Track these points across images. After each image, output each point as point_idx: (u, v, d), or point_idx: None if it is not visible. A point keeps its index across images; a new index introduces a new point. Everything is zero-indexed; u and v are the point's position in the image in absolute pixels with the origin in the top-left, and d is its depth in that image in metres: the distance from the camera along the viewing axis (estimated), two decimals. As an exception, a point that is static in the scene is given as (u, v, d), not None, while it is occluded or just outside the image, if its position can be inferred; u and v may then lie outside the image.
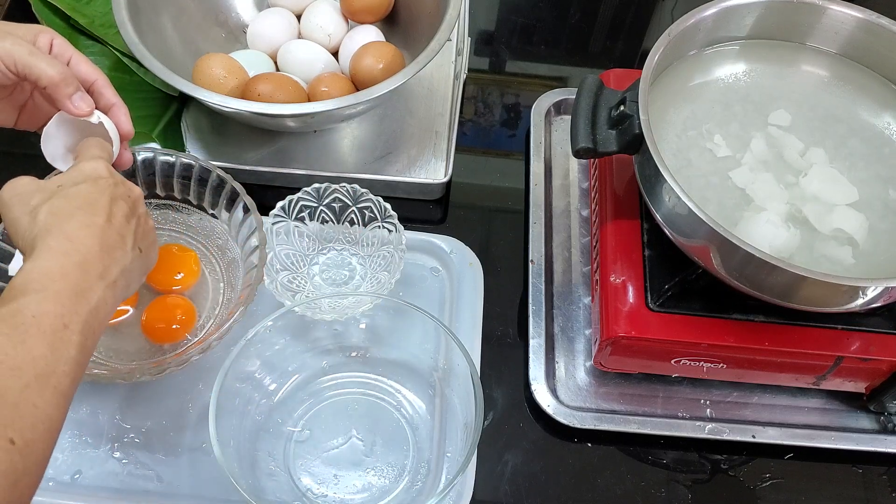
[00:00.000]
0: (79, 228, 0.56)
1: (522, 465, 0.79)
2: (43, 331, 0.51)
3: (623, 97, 0.72)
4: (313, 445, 0.77)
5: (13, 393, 0.48)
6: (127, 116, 0.67)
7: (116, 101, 0.67)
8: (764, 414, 0.81)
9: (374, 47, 0.92)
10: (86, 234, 0.57)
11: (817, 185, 0.73)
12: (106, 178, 0.61)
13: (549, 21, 1.13)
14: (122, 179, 0.63)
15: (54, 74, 0.62)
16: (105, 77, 0.67)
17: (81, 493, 0.73)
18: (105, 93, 0.66)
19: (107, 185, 0.60)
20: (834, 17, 0.79)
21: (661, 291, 0.75)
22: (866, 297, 0.66)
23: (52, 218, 0.56)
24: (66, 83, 0.62)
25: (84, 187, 0.59)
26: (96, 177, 0.61)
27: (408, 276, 0.85)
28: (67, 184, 0.59)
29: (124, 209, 0.61)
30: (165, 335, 0.79)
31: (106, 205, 0.59)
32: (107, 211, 0.59)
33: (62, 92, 0.63)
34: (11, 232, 0.58)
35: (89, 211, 0.58)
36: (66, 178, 0.60)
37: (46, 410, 0.50)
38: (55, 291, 0.53)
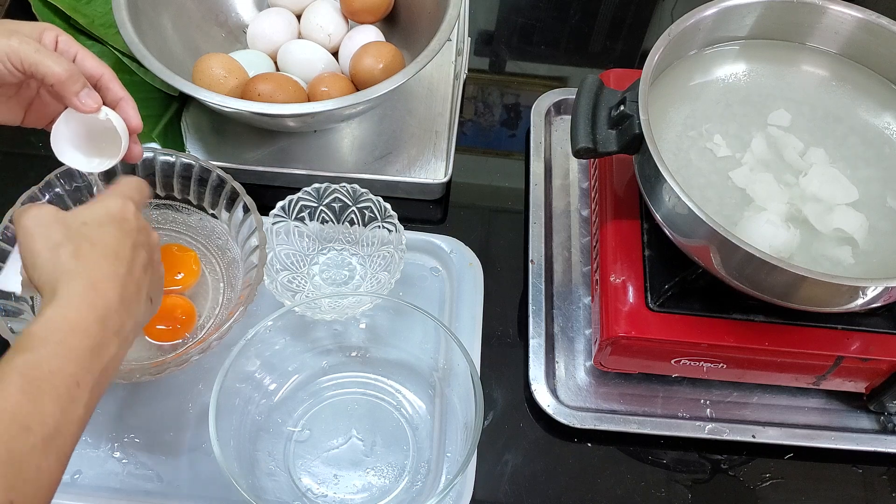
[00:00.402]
0: (103, 279, 0.55)
1: (522, 465, 0.79)
2: (56, 389, 0.50)
3: (623, 97, 0.72)
4: (313, 445, 0.77)
5: (19, 454, 0.48)
6: (135, 110, 0.67)
7: (124, 94, 0.67)
8: (764, 414, 0.81)
9: (374, 47, 0.92)
10: (109, 286, 0.55)
11: (817, 184, 0.73)
12: (131, 222, 0.59)
13: (549, 21, 1.13)
14: (145, 225, 0.61)
15: (61, 72, 0.61)
16: (111, 71, 0.66)
17: (81, 493, 0.73)
18: (112, 87, 0.66)
19: (131, 230, 0.59)
20: (834, 17, 0.79)
21: (661, 291, 0.75)
22: (866, 297, 0.66)
23: (76, 262, 0.55)
24: (73, 80, 0.62)
25: (109, 231, 0.58)
26: (122, 219, 0.59)
27: (408, 276, 0.85)
28: (93, 223, 0.57)
29: (143, 259, 0.59)
30: (165, 335, 0.79)
31: (129, 254, 0.58)
32: (129, 260, 0.58)
33: (69, 89, 0.62)
34: (28, 263, 0.56)
35: (113, 259, 0.56)
36: (92, 216, 0.58)
37: (49, 471, 0.49)
38: (74, 348, 0.52)
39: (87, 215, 0.58)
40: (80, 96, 0.63)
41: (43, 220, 0.57)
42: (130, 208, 0.60)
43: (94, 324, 0.53)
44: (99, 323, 0.54)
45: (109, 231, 0.58)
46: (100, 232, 0.57)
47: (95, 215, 0.58)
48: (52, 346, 0.51)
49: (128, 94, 0.67)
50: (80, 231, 0.57)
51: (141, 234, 0.60)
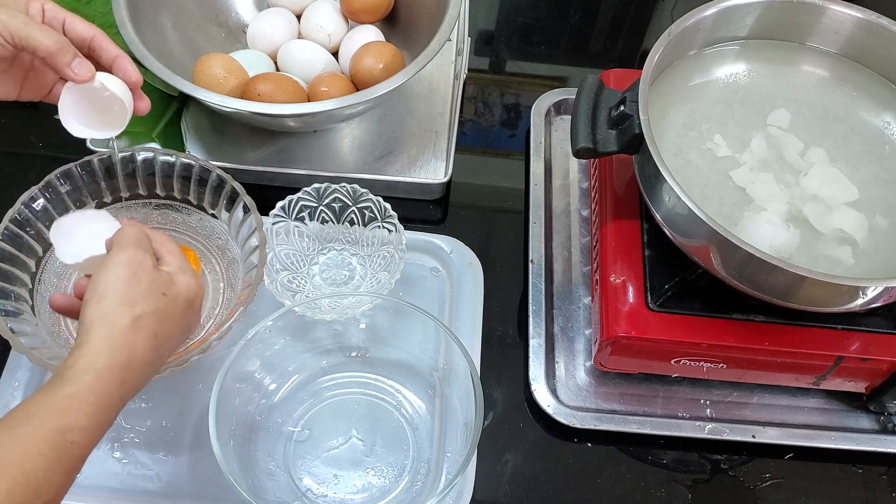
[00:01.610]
0: (143, 363, 0.57)
1: (522, 465, 0.79)
2: (70, 460, 0.52)
3: (623, 97, 0.72)
4: (313, 445, 0.77)
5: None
6: (132, 64, 0.67)
7: (118, 52, 0.67)
8: (764, 414, 0.81)
9: (374, 47, 0.92)
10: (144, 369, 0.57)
11: (817, 184, 0.73)
12: (194, 309, 0.62)
13: (549, 21, 1.13)
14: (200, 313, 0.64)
15: (51, 44, 0.62)
16: (102, 32, 0.66)
17: (81, 494, 0.73)
18: (105, 46, 0.66)
19: (191, 316, 0.61)
20: (834, 17, 0.79)
21: (661, 291, 0.75)
22: (866, 297, 0.66)
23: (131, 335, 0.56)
24: (64, 51, 0.63)
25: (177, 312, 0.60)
26: (191, 303, 0.61)
27: (408, 276, 0.85)
28: (171, 298, 0.59)
29: (177, 343, 0.62)
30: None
31: (174, 341, 0.60)
32: (169, 346, 0.60)
33: (61, 60, 0.63)
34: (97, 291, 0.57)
35: (159, 343, 0.58)
36: (175, 291, 0.60)
37: None
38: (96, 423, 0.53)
39: (170, 285, 0.60)
40: (73, 66, 0.63)
41: (137, 266, 0.58)
42: (202, 295, 0.63)
43: (117, 402, 0.55)
44: (120, 401, 0.55)
45: (177, 311, 0.60)
46: (170, 309, 0.59)
47: (177, 290, 0.60)
48: (82, 419, 0.53)
49: (122, 52, 0.67)
50: (158, 301, 0.58)
51: (193, 323, 0.63)
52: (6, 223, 0.75)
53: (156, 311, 0.58)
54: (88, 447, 0.53)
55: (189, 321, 0.62)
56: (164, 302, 0.58)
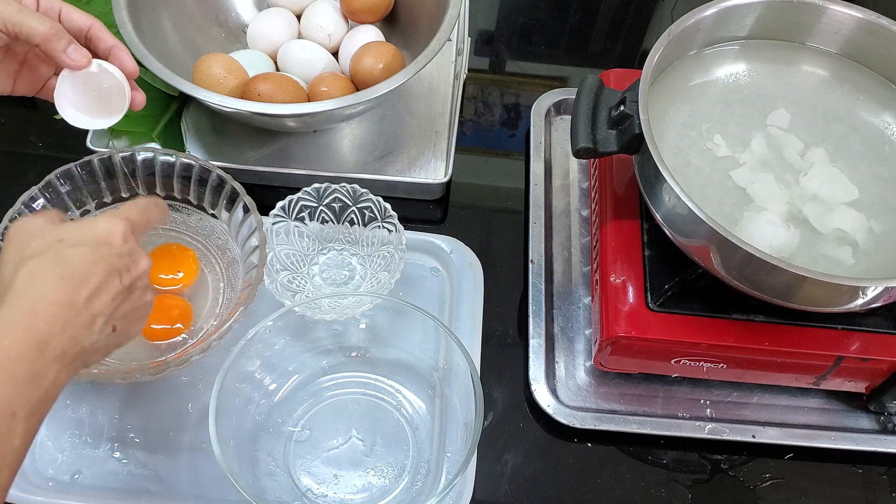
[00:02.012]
0: (49, 304, 0.52)
1: (522, 465, 0.79)
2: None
3: (623, 97, 0.72)
4: (313, 445, 0.77)
5: None
6: (129, 55, 0.67)
7: (115, 41, 0.66)
8: (764, 414, 0.81)
9: (374, 47, 0.92)
10: (53, 311, 0.52)
11: (817, 184, 0.73)
12: (113, 247, 0.56)
13: (549, 21, 1.13)
14: (133, 249, 0.57)
15: (45, 30, 0.61)
16: (99, 22, 0.66)
17: (81, 493, 0.73)
18: (102, 36, 0.66)
19: (109, 255, 0.55)
20: (834, 17, 0.79)
21: (661, 291, 0.75)
22: (866, 297, 0.66)
23: (30, 281, 0.52)
24: (58, 37, 0.62)
25: (81, 252, 0.54)
26: (103, 242, 0.55)
27: (408, 276, 0.85)
28: (69, 241, 0.54)
29: (115, 287, 0.56)
30: (162, 335, 0.79)
31: (96, 280, 0.54)
32: (91, 288, 0.54)
33: (55, 46, 0.62)
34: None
35: (73, 283, 0.53)
36: (72, 234, 0.55)
37: None
38: (9, 373, 0.49)
39: (69, 232, 0.55)
40: (68, 52, 0.63)
41: (26, 231, 0.55)
42: (118, 231, 0.56)
43: (32, 349, 0.51)
44: (36, 349, 0.51)
45: (82, 253, 0.54)
46: (71, 252, 0.54)
47: (76, 234, 0.55)
48: None
49: (119, 42, 0.67)
50: (53, 247, 0.54)
51: (122, 260, 0.56)
52: (6, 223, 0.75)
53: (50, 254, 0.53)
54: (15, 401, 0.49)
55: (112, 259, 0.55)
56: (60, 245, 0.54)
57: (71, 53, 0.63)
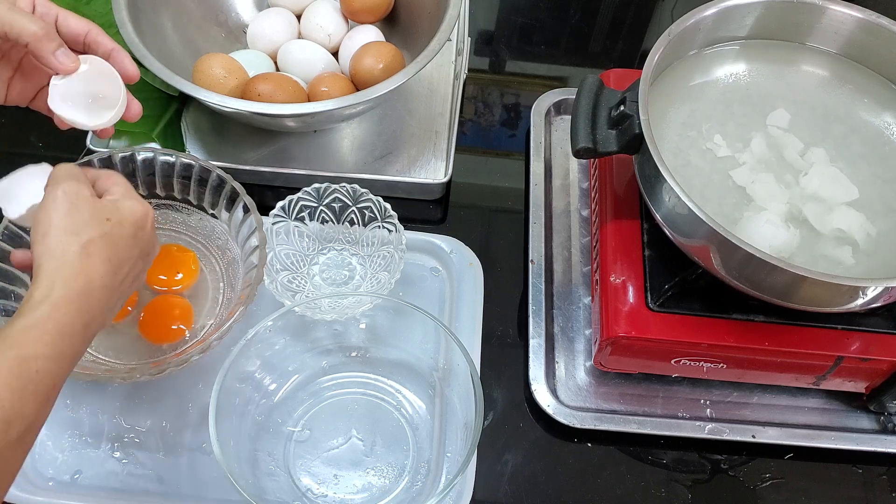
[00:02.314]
0: (99, 288, 0.56)
1: (522, 465, 0.79)
2: (38, 390, 0.52)
3: (623, 97, 0.72)
4: (313, 445, 0.77)
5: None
6: (129, 59, 0.66)
7: (114, 45, 0.66)
8: (764, 414, 0.81)
9: (374, 47, 0.92)
10: (101, 295, 0.56)
11: (817, 183, 0.73)
12: (147, 231, 0.61)
13: (549, 21, 1.13)
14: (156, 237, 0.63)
15: (36, 30, 0.61)
16: (97, 26, 0.65)
17: (81, 493, 0.73)
18: (101, 40, 0.65)
19: (144, 240, 0.61)
20: (834, 17, 0.79)
21: (661, 291, 0.75)
22: (866, 297, 0.66)
23: (83, 260, 0.56)
24: (49, 38, 0.61)
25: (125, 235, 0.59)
26: (142, 226, 0.60)
27: (408, 276, 0.85)
28: (115, 221, 0.58)
29: (139, 270, 0.61)
30: (162, 335, 0.79)
31: (130, 264, 0.59)
32: (126, 271, 0.59)
33: (45, 48, 0.61)
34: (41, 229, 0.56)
35: (115, 266, 0.58)
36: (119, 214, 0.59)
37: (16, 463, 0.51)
38: (61, 353, 0.53)
39: (114, 211, 0.59)
40: (57, 55, 0.62)
41: (74, 196, 0.57)
42: (151, 217, 0.62)
43: (80, 330, 0.55)
44: (84, 329, 0.55)
45: (126, 235, 0.59)
46: (118, 233, 0.58)
47: (122, 215, 0.59)
48: (42, 347, 0.52)
49: (118, 45, 0.66)
50: (103, 225, 0.57)
51: (149, 245, 0.62)
52: (6, 223, 0.75)
53: (103, 235, 0.57)
54: (57, 376, 0.53)
55: (144, 243, 0.61)
56: (109, 226, 0.58)
57: (59, 56, 0.62)
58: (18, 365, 0.51)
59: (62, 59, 0.63)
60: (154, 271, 0.82)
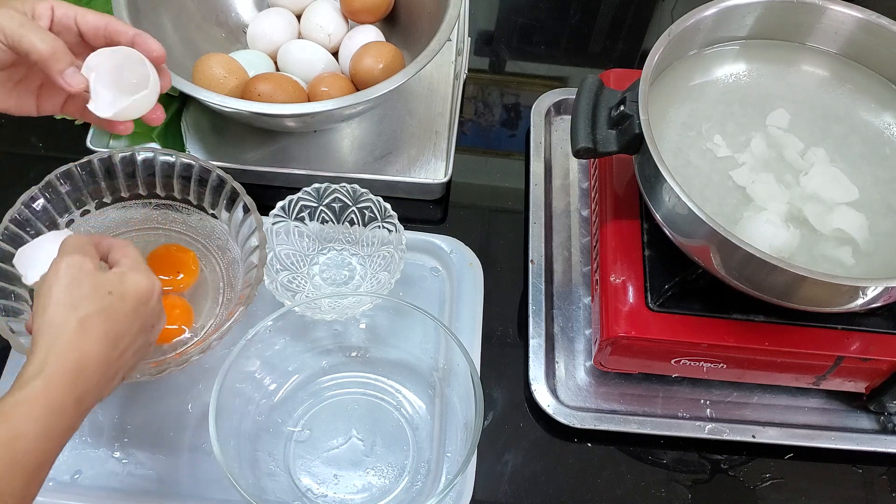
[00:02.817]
0: (93, 361, 0.55)
1: (522, 465, 0.79)
2: (27, 468, 0.51)
3: (623, 97, 0.72)
4: (313, 445, 0.77)
5: None
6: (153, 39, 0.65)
7: (135, 31, 0.65)
8: (764, 414, 0.81)
9: (374, 47, 0.92)
10: (95, 369, 0.56)
11: (817, 183, 0.73)
12: (151, 306, 0.60)
13: (549, 21, 1.13)
14: (161, 310, 0.62)
15: (44, 49, 0.60)
16: (114, 18, 0.65)
17: (81, 493, 0.73)
18: (120, 29, 0.64)
19: (144, 313, 0.59)
20: (834, 17, 0.79)
21: (661, 291, 0.75)
22: (866, 297, 0.66)
23: (79, 335, 0.55)
24: (57, 58, 0.60)
25: (127, 309, 0.58)
26: (145, 301, 0.60)
27: (408, 276, 0.85)
28: (118, 295, 0.58)
29: (140, 343, 0.60)
30: (162, 335, 0.79)
31: (129, 339, 0.58)
32: (126, 345, 0.58)
33: (53, 67, 0.61)
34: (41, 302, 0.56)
35: (113, 341, 0.57)
36: (121, 288, 0.58)
37: None
38: (51, 430, 0.53)
39: (117, 284, 0.58)
40: (65, 75, 0.61)
41: (76, 270, 0.57)
42: (157, 290, 0.61)
43: (72, 405, 0.54)
44: (76, 404, 0.54)
45: (127, 309, 0.58)
46: (118, 307, 0.57)
47: (124, 288, 0.58)
48: (31, 424, 0.52)
49: (139, 31, 0.65)
50: (103, 300, 0.57)
51: (152, 318, 0.61)
52: (6, 223, 0.75)
53: (102, 309, 0.56)
54: (45, 454, 0.52)
55: (146, 317, 0.60)
56: (110, 300, 0.57)
57: (67, 77, 0.62)
58: (9, 441, 0.50)
59: (70, 79, 0.62)
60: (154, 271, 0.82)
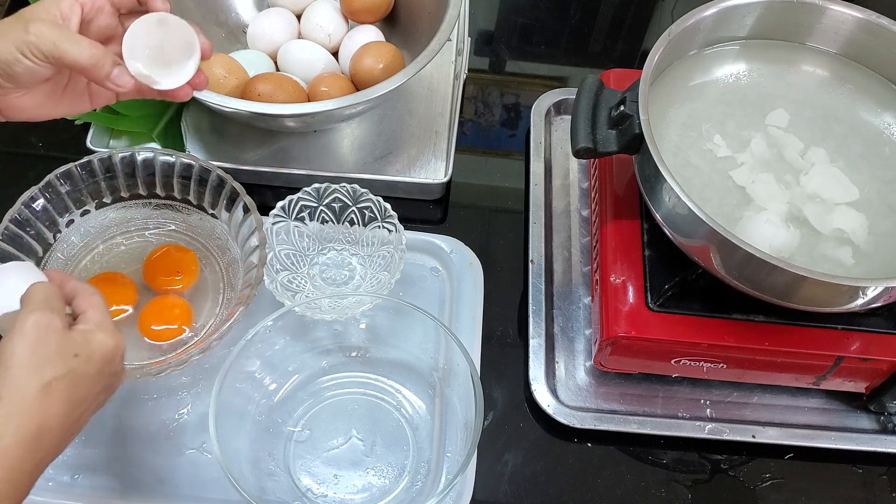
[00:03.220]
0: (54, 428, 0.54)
1: (522, 465, 0.79)
2: None
3: (623, 97, 0.72)
4: (313, 445, 0.77)
5: None
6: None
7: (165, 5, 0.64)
8: (764, 414, 0.81)
9: (374, 47, 0.92)
10: (55, 435, 0.54)
11: (817, 184, 0.73)
12: (114, 366, 0.58)
13: (549, 21, 1.13)
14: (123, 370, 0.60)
15: (85, 61, 0.59)
16: None
17: (81, 493, 0.73)
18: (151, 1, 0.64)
19: (108, 373, 0.57)
20: (834, 17, 0.79)
21: (661, 291, 0.75)
22: (866, 297, 0.66)
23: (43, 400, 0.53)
24: (99, 66, 0.59)
25: (91, 372, 0.56)
26: (109, 360, 0.57)
27: (408, 276, 0.85)
28: (83, 357, 0.55)
29: (100, 402, 0.58)
30: (162, 335, 0.79)
31: (90, 401, 0.57)
32: (86, 407, 0.56)
33: (97, 75, 0.60)
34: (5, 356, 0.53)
35: (74, 405, 0.55)
36: (87, 349, 0.56)
37: None
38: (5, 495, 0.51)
39: (84, 345, 0.56)
40: (113, 78, 0.61)
41: (44, 330, 0.55)
42: (122, 350, 0.59)
43: (30, 470, 0.53)
44: (34, 468, 0.53)
45: (92, 372, 0.56)
46: (83, 370, 0.55)
47: (90, 350, 0.56)
48: None
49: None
50: (68, 363, 0.54)
51: (115, 378, 0.59)
52: (6, 223, 0.75)
53: (67, 373, 0.54)
54: None
55: (109, 377, 0.58)
56: (75, 363, 0.55)
57: (115, 80, 0.61)
58: None
59: (118, 80, 0.61)
60: (154, 271, 0.82)
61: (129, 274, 0.82)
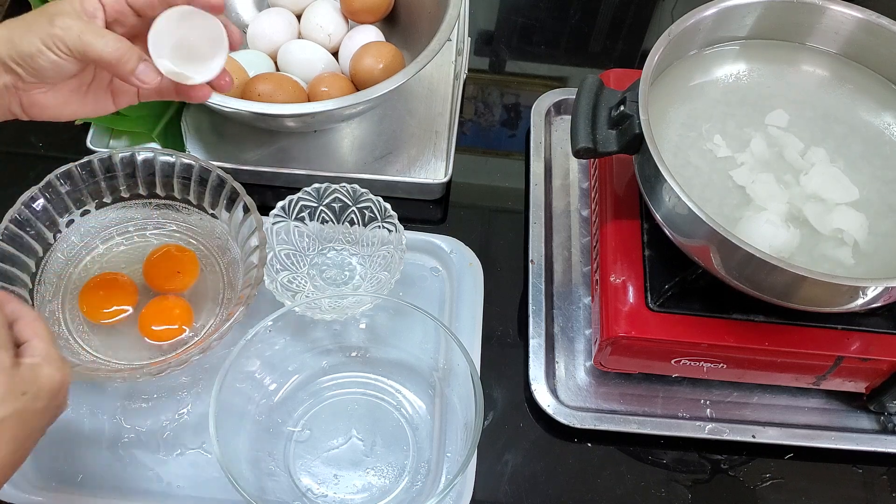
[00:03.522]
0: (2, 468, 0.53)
1: (522, 465, 0.79)
2: None
3: (623, 97, 0.72)
4: (313, 445, 0.77)
5: None
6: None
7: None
8: (764, 414, 0.81)
9: (374, 47, 0.92)
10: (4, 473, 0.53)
11: (817, 184, 0.73)
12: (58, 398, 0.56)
13: (549, 21, 1.13)
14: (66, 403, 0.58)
15: (110, 55, 0.58)
16: None
17: (81, 493, 0.73)
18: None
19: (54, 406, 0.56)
20: (834, 17, 0.79)
21: (661, 291, 0.75)
22: (866, 297, 0.66)
23: None
24: (124, 61, 0.59)
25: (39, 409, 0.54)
26: (55, 394, 0.56)
27: (408, 276, 0.85)
28: (31, 394, 0.54)
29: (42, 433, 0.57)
30: (162, 335, 0.79)
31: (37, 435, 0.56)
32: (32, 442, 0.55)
33: (124, 69, 0.59)
34: None
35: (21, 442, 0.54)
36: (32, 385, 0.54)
37: None
38: None
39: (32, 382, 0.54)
40: (138, 74, 0.60)
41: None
42: (68, 383, 0.57)
43: None
44: None
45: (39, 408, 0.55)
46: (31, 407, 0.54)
47: (39, 386, 0.55)
48: None
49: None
50: (16, 402, 0.53)
51: (59, 409, 0.57)
52: (6, 223, 0.75)
53: (15, 412, 0.53)
54: None
55: (54, 410, 0.57)
56: (24, 401, 0.53)
57: (140, 75, 0.60)
58: None
59: (143, 76, 0.60)
60: (154, 271, 0.82)
61: (129, 274, 0.82)
